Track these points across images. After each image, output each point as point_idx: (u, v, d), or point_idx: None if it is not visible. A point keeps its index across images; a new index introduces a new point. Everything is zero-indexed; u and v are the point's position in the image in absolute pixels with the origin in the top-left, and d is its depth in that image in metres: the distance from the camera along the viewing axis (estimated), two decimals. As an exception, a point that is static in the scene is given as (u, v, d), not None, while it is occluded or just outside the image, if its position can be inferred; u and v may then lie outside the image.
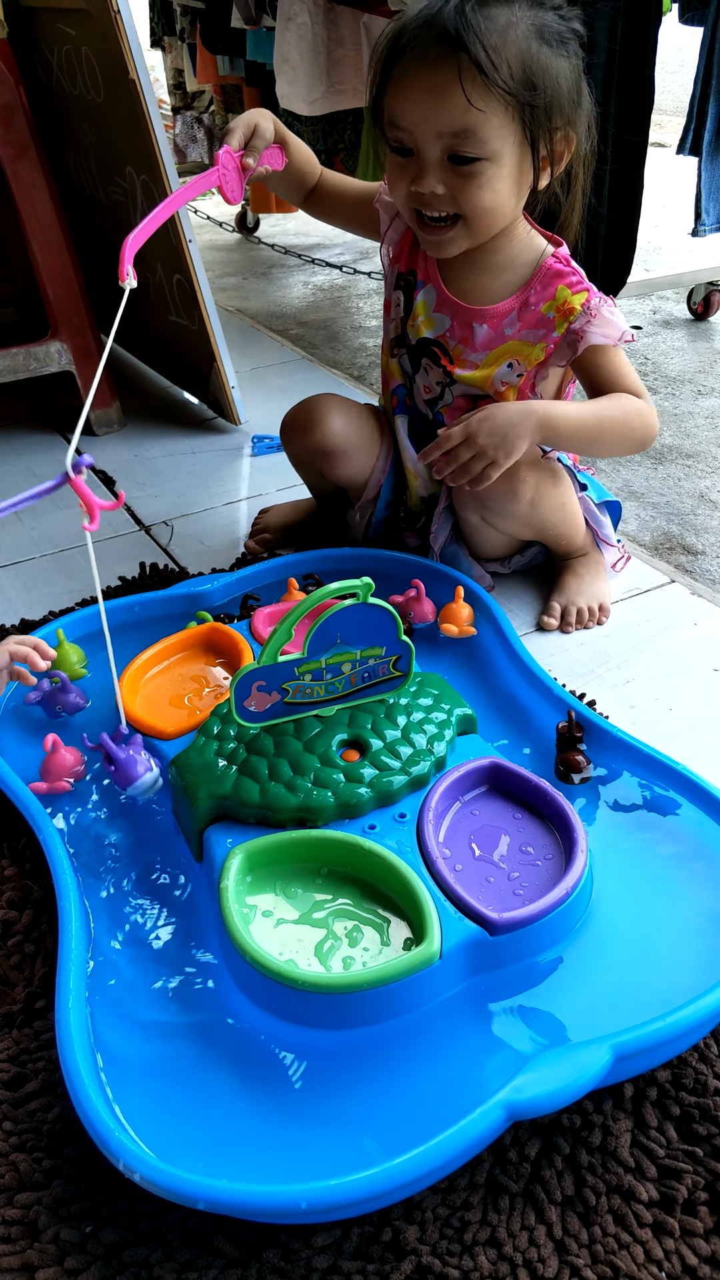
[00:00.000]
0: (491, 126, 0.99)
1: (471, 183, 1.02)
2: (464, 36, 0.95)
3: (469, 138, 0.99)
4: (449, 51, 0.96)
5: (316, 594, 0.82)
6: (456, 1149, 0.61)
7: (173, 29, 3.07)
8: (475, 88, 0.97)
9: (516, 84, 0.97)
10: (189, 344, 1.75)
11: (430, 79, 0.98)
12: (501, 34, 0.96)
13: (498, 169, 1.02)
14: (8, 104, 1.52)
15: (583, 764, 0.92)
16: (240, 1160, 0.65)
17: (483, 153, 1.00)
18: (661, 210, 3.02)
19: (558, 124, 1.02)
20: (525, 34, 0.97)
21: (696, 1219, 0.64)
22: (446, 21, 0.96)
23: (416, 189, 1.04)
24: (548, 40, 0.99)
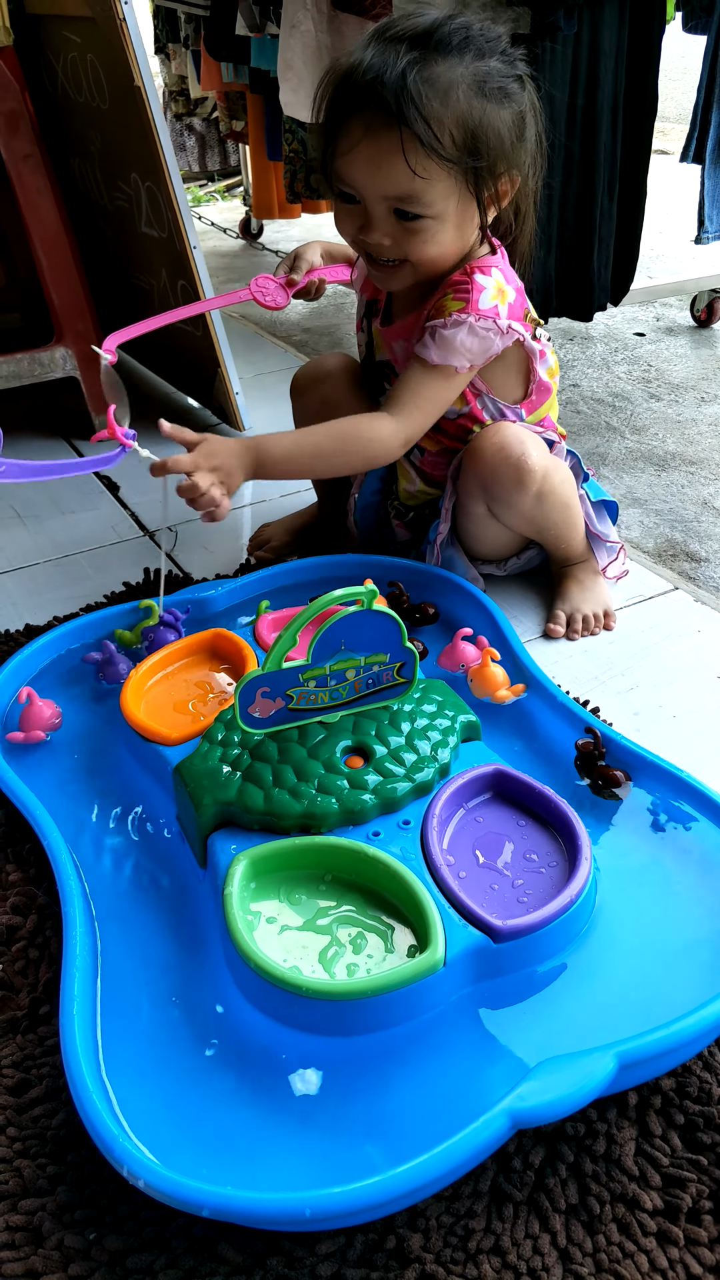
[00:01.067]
0: (435, 191, 1.00)
1: (416, 237, 1.04)
2: (405, 111, 0.95)
3: (413, 201, 1.01)
4: (390, 124, 0.96)
5: (320, 600, 0.82)
6: (460, 1157, 0.61)
7: (177, 36, 3.08)
8: (418, 159, 0.97)
9: (458, 150, 0.98)
10: (193, 350, 1.75)
11: (373, 146, 0.98)
12: (443, 100, 0.96)
13: (441, 224, 1.03)
14: (14, 111, 1.53)
15: (621, 778, 0.92)
16: (244, 1167, 0.65)
17: (427, 212, 1.02)
18: (665, 217, 3.02)
19: (500, 170, 1.03)
20: (467, 94, 0.97)
21: (701, 1228, 0.64)
22: (388, 91, 0.95)
23: (363, 238, 1.06)
24: (489, 95, 0.98)
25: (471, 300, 1.07)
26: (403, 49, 0.96)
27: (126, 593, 1.31)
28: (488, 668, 1.04)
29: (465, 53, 0.97)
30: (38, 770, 0.98)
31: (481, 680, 1.04)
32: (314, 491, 1.43)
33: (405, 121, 0.95)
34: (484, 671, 1.04)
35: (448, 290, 1.09)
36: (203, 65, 2.86)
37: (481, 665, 1.04)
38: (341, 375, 1.29)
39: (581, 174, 1.81)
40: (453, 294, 1.08)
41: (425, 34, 0.97)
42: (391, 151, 0.97)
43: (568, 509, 1.19)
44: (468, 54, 0.97)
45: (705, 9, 1.94)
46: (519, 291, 1.13)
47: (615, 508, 1.31)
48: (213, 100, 3.27)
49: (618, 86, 1.78)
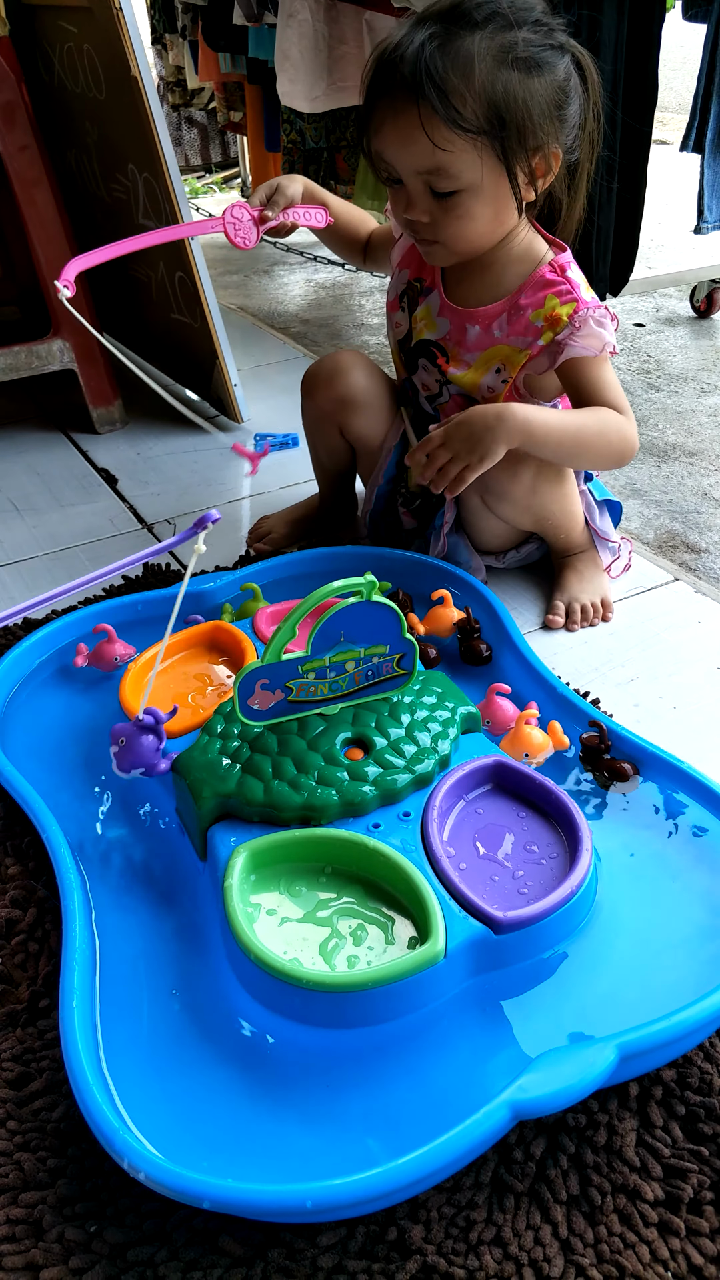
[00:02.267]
0: (462, 163, 1.01)
1: (451, 214, 1.05)
2: (421, 84, 0.96)
3: (442, 174, 1.02)
4: (410, 96, 0.98)
5: (319, 592, 0.82)
6: (462, 1148, 0.61)
7: (174, 26, 3.07)
8: (437, 131, 0.98)
9: (481, 121, 0.98)
10: (191, 342, 1.75)
11: (395, 122, 1.00)
12: (464, 72, 0.96)
13: (476, 197, 1.04)
14: (9, 102, 1.52)
15: (629, 771, 0.91)
16: (245, 1159, 0.65)
17: (459, 185, 1.02)
18: (664, 207, 3.01)
19: (532, 145, 1.02)
20: (490, 67, 0.97)
21: (702, 1218, 0.64)
22: (405, 66, 0.97)
23: (408, 216, 1.07)
24: (515, 65, 0.98)
25: (579, 298, 1.10)
26: (428, 24, 0.98)
27: (125, 586, 1.30)
28: (523, 730, 0.94)
29: (490, 24, 0.97)
30: (36, 763, 0.98)
31: (517, 742, 0.93)
32: (315, 483, 1.43)
33: (421, 94, 0.97)
34: (519, 733, 0.94)
35: (539, 288, 1.11)
36: (200, 56, 2.85)
37: (516, 728, 0.94)
38: (354, 370, 1.27)
39: (581, 164, 1.80)
40: (557, 298, 1.11)
41: (450, 9, 0.98)
42: (412, 125, 0.99)
43: (565, 499, 1.19)
44: (492, 25, 0.97)
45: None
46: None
47: (619, 508, 1.31)
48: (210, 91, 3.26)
49: (617, 76, 1.77)
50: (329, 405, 1.28)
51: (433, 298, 1.20)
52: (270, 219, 1.16)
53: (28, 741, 1.01)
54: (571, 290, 1.11)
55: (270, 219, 1.16)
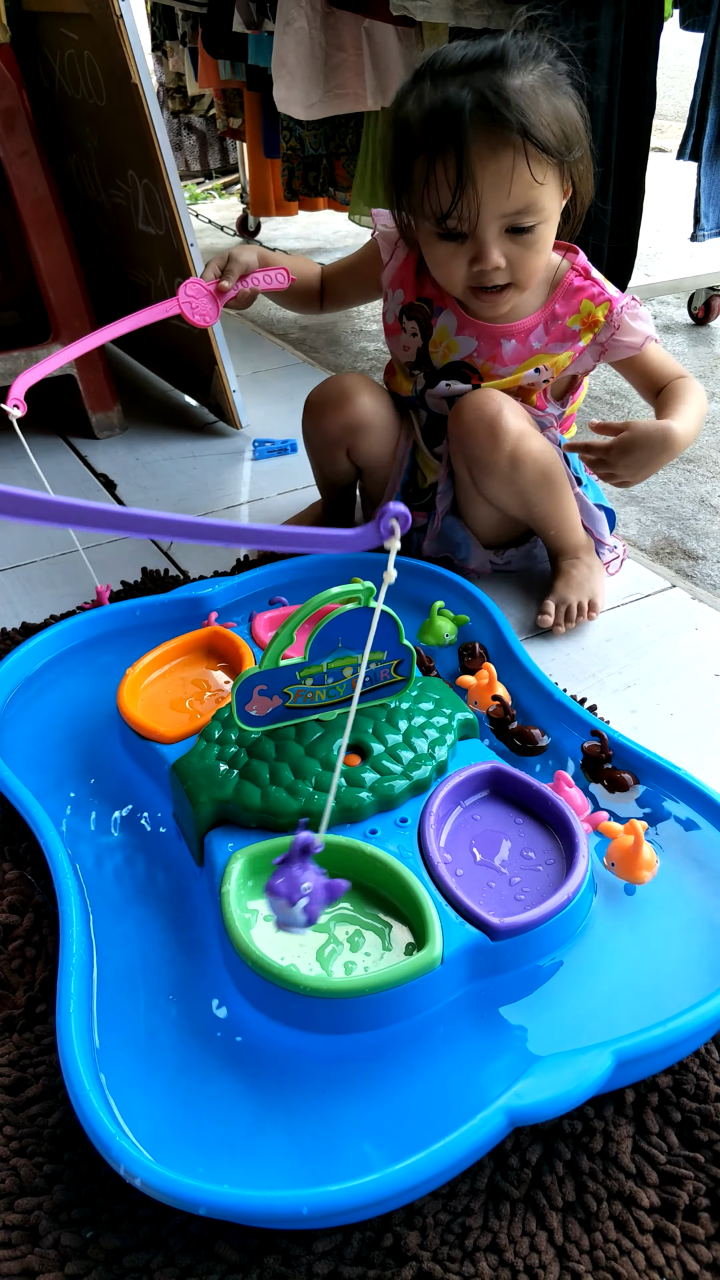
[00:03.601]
0: (548, 194, 1.05)
1: (530, 250, 1.07)
2: (525, 124, 0.99)
3: (531, 210, 1.04)
4: (502, 136, 0.99)
5: (318, 598, 0.82)
6: (458, 1155, 0.61)
7: (174, 33, 3.08)
8: (539, 164, 1.01)
9: (559, 146, 1.02)
10: (190, 348, 1.75)
11: (489, 167, 1.01)
12: (536, 103, 1.00)
13: (549, 225, 1.08)
14: (10, 108, 1.53)
15: (629, 782, 0.92)
16: (241, 1165, 0.65)
17: (540, 219, 1.06)
18: (662, 215, 3.02)
19: (583, 155, 1.07)
20: (546, 93, 1.01)
21: (698, 1225, 0.64)
22: (500, 110, 0.98)
23: (480, 268, 1.07)
24: (559, 90, 1.03)
25: (610, 297, 1.16)
26: (485, 73, 1.00)
27: (124, 591, 1.31)
28: (642, 851, 0.82)
29: (528, 61, 1.01)
30: (34, 768, 0.98)
31: (627, 864, 0.82)
32: (315, 489, 1.43)
33: (526, 132, 0.99)
34: (636, 854, 0.82)
35: (571, 295, 1.16)
36: (200, 62, 2.85)
37: (635, 847, 0.82)
38: (361, 395, 1.26)
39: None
40: (591, 301, 1.16)
41: (497, 56, 1.01)
42: (509, 167, 1.01)
43: (550, 483, 1.18)
44: (529, 62, 1.01)
45: (702, 6, 1.94)
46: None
47: (613, 515, 1.31)
48: (210, 97, 3.27)
49: (614, 84, 1.77)
50: (337, 431, 1.28)
51: (446, 317, 1.20)
52: (227, 289, 1.17)
53: (25, 746, 1.01)
54: (603, 290, 1.16)
55: (227, 289, 1.17)
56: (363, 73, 2.02)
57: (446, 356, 1.21)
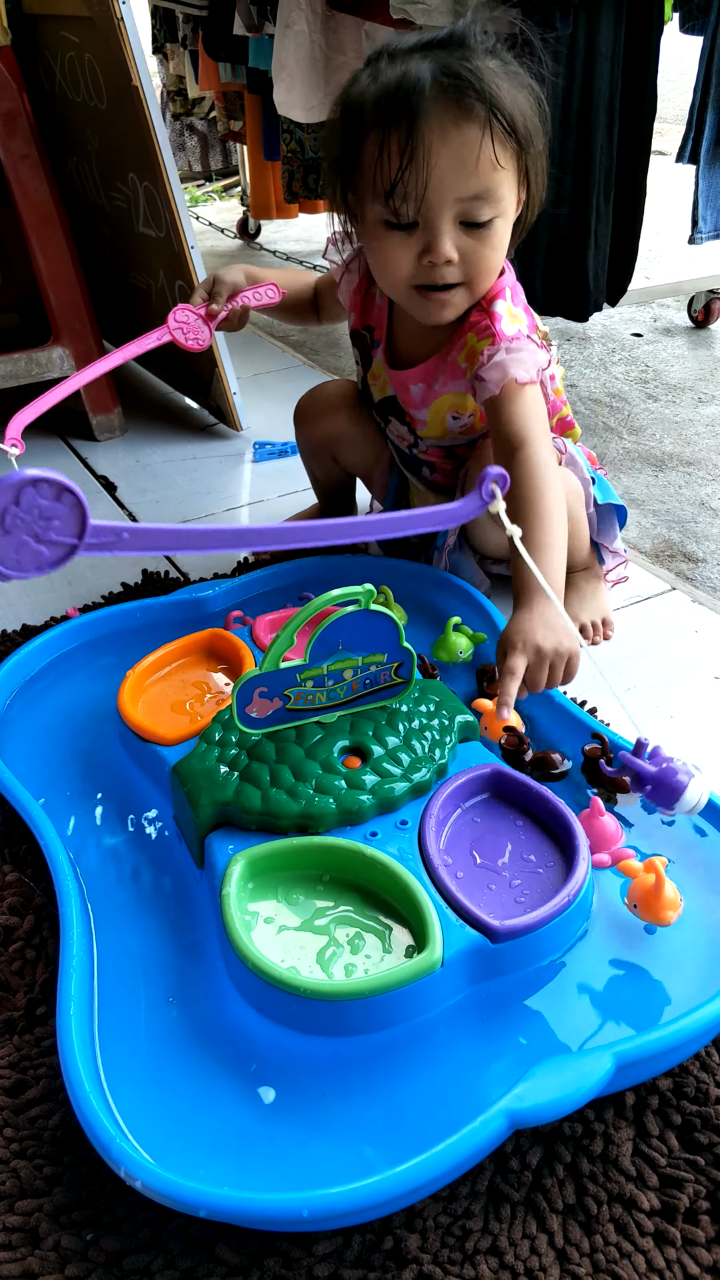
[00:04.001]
0: (506, 183, 0.97)
1: (484, 244, 0.99)
2: (495, 98, 0.91)
3: (488, 198, 0.96)
4: (469, 112, 0.92)
5: (318, 600, 0.82)
6: (458, 1157, 0.61)
7: (175, 35, 3.08)
8: (502, 147, 0.94)
9: (521, 134, 0.95)
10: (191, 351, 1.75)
11: (450, 143, 0.93)
12: (497, 80, 0.93)
13: (505, 222, 0.99)
14: (11, 110, 1.53)
15: (629, 784, 0.91)
16: (242, 1168, 0.65)
17: (496, 211, 0.97)
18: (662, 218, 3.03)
19: (539, 154, 1.00)
20: (509, 83, 0.94)
21: (698, 1228, 0.64)
22: (466, 84, 0.91)
23: (430, 260, 0.98)
24: (518, 81, 0.96)
25: (496, 332, 1.05)
26: (436, 53, 0.93)
27: (124, 593, 1.31)
28: (664, 891, 0.77)
29: (482, 47, 0.95)
30: (34, 770, 0.98)
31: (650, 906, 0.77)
32: (313, 493, 1.43)
33: (493, 105, 0.91)
34: (659, 895, 0.77)
35: (468, 333, 1.07)
36: (200, 65, 2.86)
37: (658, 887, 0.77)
38: (342, 407, 1.27)
39: (577, 174, 1.81)
40: (475, 335, 1.06)
41: (458, 39, 0.95)
42: (472, 144, 0.92)
43: (580, 519, 1.18)
44: (486, 48, 0.95)
45: (702, 10, 1.94)
46: (527, 310, 1.11)
47: (624, 512, 1.30)
48: (210, 100, 3.27)
49: (614, 87, 1.78)
50: (319, 440, 1.30)
51: (379, 351, 1.17)
52: (218, 312, 1.15)
53: (26, 748, 1.01)
54: (491, 325, 1.05)
55: (218, 312, 1.15)
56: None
57: (382, 391, 1.19)
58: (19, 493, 0.54)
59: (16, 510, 0.55)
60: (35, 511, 0.55)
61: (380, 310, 1.17)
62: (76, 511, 0.57)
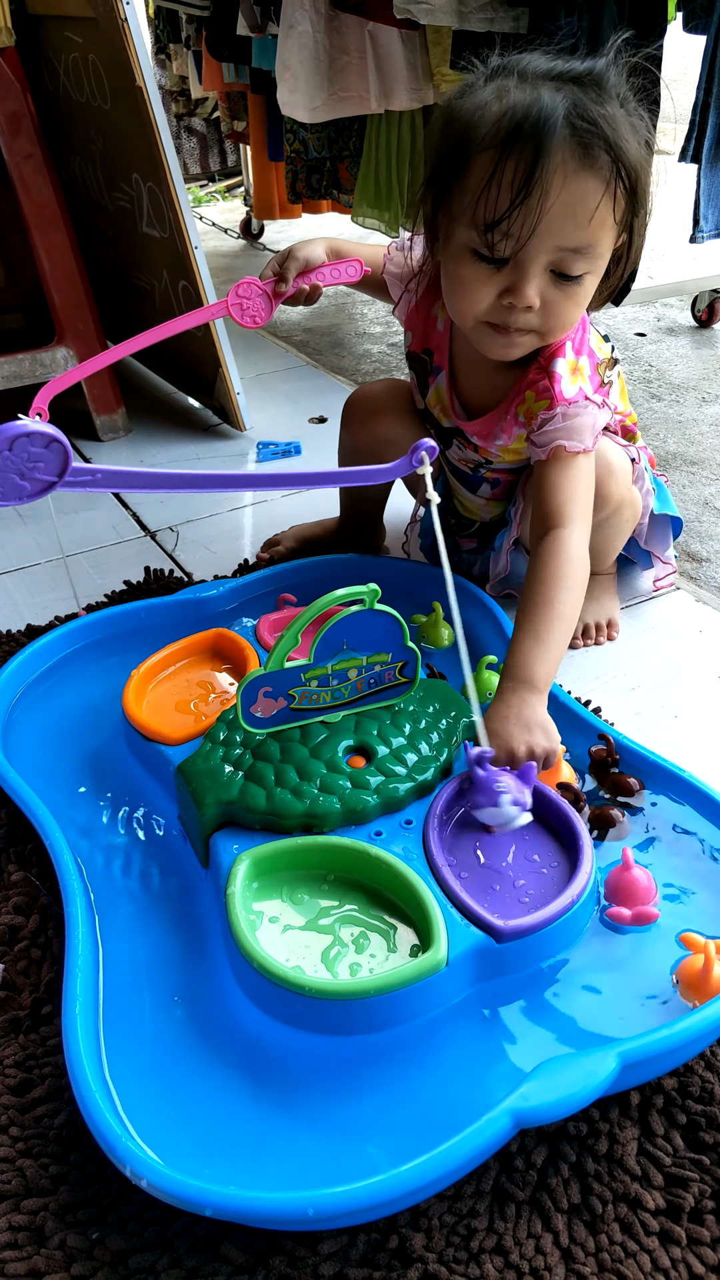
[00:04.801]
0: (608, 241, 0.92)
1: (569, 299, 0.94)
2: (621, 153, 0.87)
3: (587, 254, 0.91)
4: (594, 162, 0.87)
5: (322, 600, 0.82)
6: (463, 1156, 0.61)
7: (178, 36, 3.08)
8: (618, 205, 0.90)
9: (640, 194, 0.91)
10: (194, 350, 1.75)
11: (570, 190, 0.87)
12: (629, 137, 0.88)
13: (595, 278, 0.95)
14: (15, 111, 1.53)
15: (635, 786, 0.91)
16: (247, 1167, 0.65)
17: (591, 268, 0.93)
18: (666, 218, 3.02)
19: (644, 221, 0.95)
20: (637, 143, 0.89)
21: (703, 1227, 0.64)
22: (593, 119, 0.86)
23: (511, 301, 0.93)
24: (641, 137, 0.90)
25: (555, 395, 1.02)
26: (570, 88, 0.88)
27: (128, 592, 1.31)
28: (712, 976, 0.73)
29: (620, 97, 0.90)
30: (39, 769, 0.98)
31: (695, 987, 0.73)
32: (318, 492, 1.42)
33: (619, 159, 0.87)
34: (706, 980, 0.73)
35: (526, 390, 1.04)
36: (204, 65, 2.86)
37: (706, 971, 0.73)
38: (395, 409, 1.21)
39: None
40: (535, 394, 1.03)
41: (597, 77, 0.89)
42: (590, 196, 0.88)
43: (620, 537, 1.17)
44: (624, 99, 0.90)
45: (705, 9, 1.94)
46: (590, 358, 1.05)
47: (679, 524, 1.26)
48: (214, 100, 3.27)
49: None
50: (367, 444, 1.24)
51: (441, 380, 1.13)
52: (284, 291, 1.10)
53: (31, 748, 1.01)
54: (550, 386, 1.02)
55: (284, 291, 1.10)
56: (366, 76, 2.02)
57: (443, 418, 1.16)
58: (13, 442, 0.66)
59: (9, 455, 0.66)
60: (25, 456, 0.67)
61: (442, 336, 1.12)
62: (61, 457, 0.68)
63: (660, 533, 1.22)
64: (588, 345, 1.05)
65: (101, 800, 0.95)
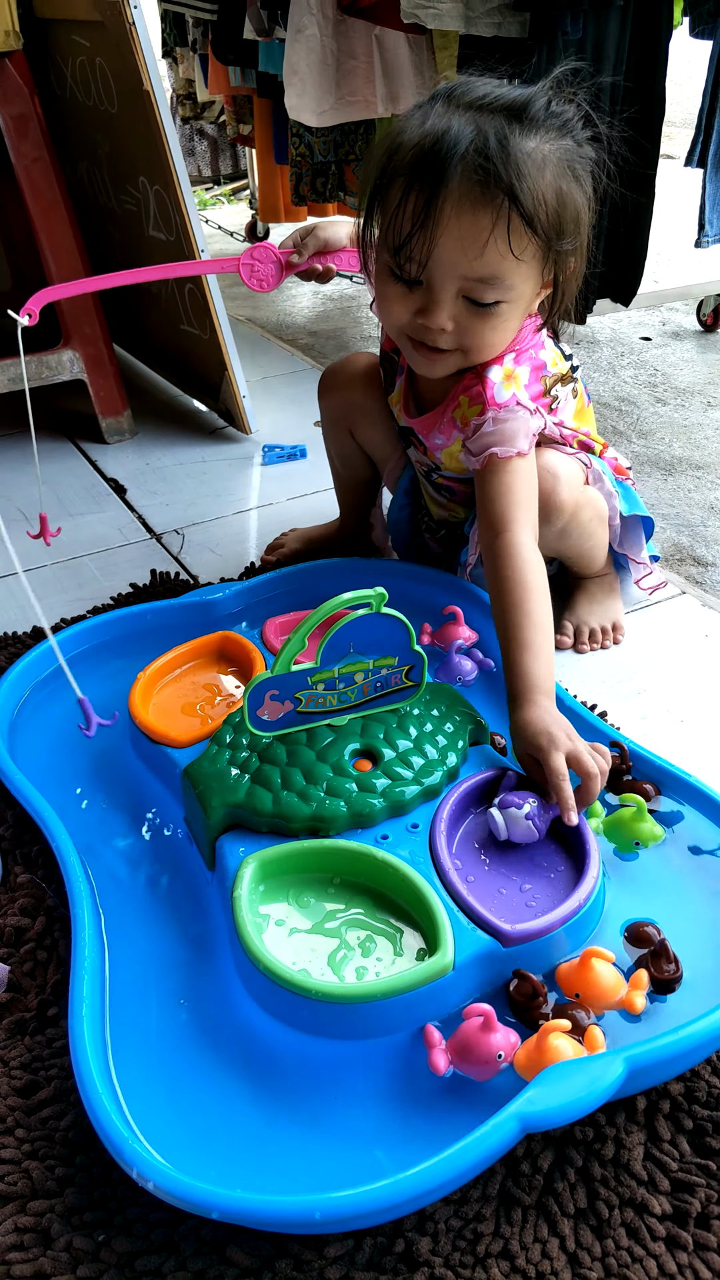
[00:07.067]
0: (520, 273, 0.93)
1: (485, 324, 0.96)
2: (516, 188, 0.87)
3: (494, 283, 0.93)
4: (494, 199, 0.88)
5: (329, 603, 0.82)
6: (469, 1161, 0.61)
7: (184, 39, 3.09)
8: (519, 237, 0.90)
9: (551, 230, 0.91)
10: (200, 353, 1.76)
11: (468, 223, 0.89)
12: (540, 173, 0.89)
13: (514, 308, 0.96)
14: (22, 114, 1.54)
15: (651, 793, 0.91)
16: (253, 1170, 0.65)
17: (504, 296, 0.94)
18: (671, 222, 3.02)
19: (575, 251, 0.96)
20: (558, 172, 0.91)
21: (710, 1233, 0.64)
22: (495, 165, 0.87)
23: (422, 322, 0.96)
24: (575, 175, 0.92)
25: (486, 399, 1.02)
26: (501, 119, 0.89)
27: (134, 595, 1.31)
28: (590, 972, 0.73)
29: (554, 129, 0.91)
30: (45, 772, 0.98)
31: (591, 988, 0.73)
32: (322, 495, 1.42)
33: (515, 197, 0.88)
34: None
35: (460, 394, 1.05)
36: (210, 69, 2.87)
37: (582, 964, 0.73)
38: (365, 379, 1.24)
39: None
40: (468, 400, 1.04)
41: (522, 105, 0.90)
42: (487, 228, 0.89)
43: (592, 539, 1.17)
44: (552, 129, 0.91)
45: (712, 14, 1.94)
46: (531, 366, 1.05)
47: (650, 523, 1.26)
48: (220, 104, 3.28)
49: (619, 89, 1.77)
50: (339, 408, 1.27)
51: (400, 384, 1.16)
52: (297, 264, 1.12)
53: (37, 750, 1.01)
54: (483, 391, 1.02)
55: (297, 264, 1.12)
56: (373, 80, 2.03)
57: (400, 416, 1.18)
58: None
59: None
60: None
61: None
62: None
63: (633, 535, 1.22)
64: (532, 357, 1.06)
65: (107, 803, 0.95)
